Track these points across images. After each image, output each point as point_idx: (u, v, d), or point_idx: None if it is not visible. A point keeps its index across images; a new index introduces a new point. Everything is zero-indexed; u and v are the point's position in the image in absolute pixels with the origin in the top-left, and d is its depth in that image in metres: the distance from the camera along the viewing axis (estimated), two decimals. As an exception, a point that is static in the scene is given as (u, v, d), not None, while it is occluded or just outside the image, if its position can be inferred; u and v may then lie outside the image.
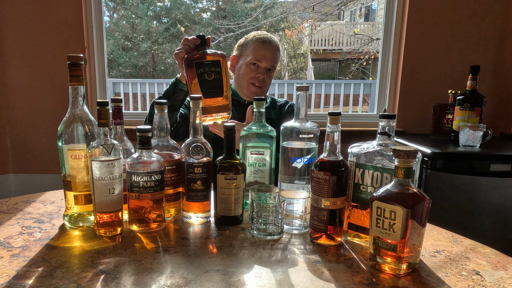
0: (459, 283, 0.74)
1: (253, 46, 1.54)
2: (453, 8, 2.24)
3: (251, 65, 1.53)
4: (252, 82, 1.53)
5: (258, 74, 1.52)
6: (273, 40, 1.57)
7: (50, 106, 2.36)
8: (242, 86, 1.57)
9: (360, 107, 5.70)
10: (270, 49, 1.54)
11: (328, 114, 0.86)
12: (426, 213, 0.75)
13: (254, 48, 1.54)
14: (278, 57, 1.58)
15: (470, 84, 1.92)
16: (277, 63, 1.58)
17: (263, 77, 1.53)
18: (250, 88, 1.54)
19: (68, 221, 0.97)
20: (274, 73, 1.60)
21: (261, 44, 1.53)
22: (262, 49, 1.53)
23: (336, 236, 0.89)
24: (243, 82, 1.55)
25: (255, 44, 1.54)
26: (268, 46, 1.54)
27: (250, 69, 1.53)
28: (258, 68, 1.53)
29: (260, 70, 1.53)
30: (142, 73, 8.80)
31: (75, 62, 0.91)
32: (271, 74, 1.57)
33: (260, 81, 1.53)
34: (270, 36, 1.59)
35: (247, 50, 1.56)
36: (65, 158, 0.94)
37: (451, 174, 1.75)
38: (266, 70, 1.54)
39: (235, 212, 0.99)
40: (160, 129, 1.02)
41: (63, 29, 2.29)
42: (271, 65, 1.54)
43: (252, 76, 1.52)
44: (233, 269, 0.77)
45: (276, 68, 1.59)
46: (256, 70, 1.52)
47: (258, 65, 1.52)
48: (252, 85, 1.54)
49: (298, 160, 0.99)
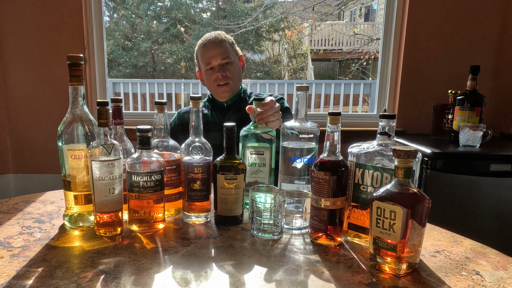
0: (459, 283, 0.74)
1: (199, 55, 1.59)
2: (453, 8, 2.24)
3: (208, 71, 1.56)
4: (217, 84, 1.55)
5: (217, 74, 1.54)
6: (212, 37, 1.57)
7: (50, 106, 2.36)
8: (214, 92, 1.60)
9: (360, 107, 5.70)
10: (211, 48, 1.55)
11: (328, 114, 0.86)
12: (426, 213, 0.75)
13: (201, 57, 1.58)
14: (227, 46, 1.57)
15: (470, 84, 1.92)
16: (228, 52, 1.56)
17: (222, 74, 1.54)
18: (219, 90, 1.56)
19: (68, 221, 0.97)
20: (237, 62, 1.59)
21: (203, 49, 1.56)
22: (206, 52, 1.55)
23: (336, 236, 0.89)
24: (213, 88, 1.58)
25: (199, 52, 1.59)
26: (209, 46, 1.56)
27: (210, 75, 1.56)
28: (214, 69, 1.55)
29: (216, 69, 1.54)
30: (142, 73, 8.79)
31: (75, 62, 0.91)
32: (231, 66, 1.56)
33: (221, 79, 1.54)
34: (210, 34, 1.59)
35: (199, 61, 1.61)
36: (65, 158, 0.94)
37: (451, 174, 1.75)
38: (222, 66, 1.54)
39: (235, 212, 0.99)
40: (160, 129, 1.02)
41: (63, 29, 2.29)
42: (221, 59, 1.54)
43: (214, 79, 1.55)
44: (233, 269, 0.77)
45: (234, 57, 1.58)
46: (214, 73, 1.55)
47: (213, 67, 1.55)
48: (219, 87, 1.56)
49: (298, 160, 0.99)
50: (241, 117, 1.57)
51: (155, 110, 1.01)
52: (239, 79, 1.60)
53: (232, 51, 1.58)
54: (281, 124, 1.05)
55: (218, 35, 1.59)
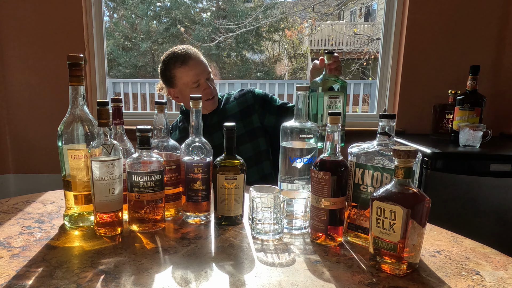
0: (459, 283, 0.74)
1: (180, 73, 1.52)
2: (453, 8, 2.24)
3: (194, 89, 1.52)
4: (205, 99, 1.53)
5: (205, 90, 1.52)
6: (193, 53, 1.54)
7: (50, 106, 2.36)
8: None
9: (360, 107, 5.70)
10: (195, 65, 1.52)
11: (328, 114, 0.86)
12: (426, 213, 0.75)
13: (183, 75, 1.51)
14: (204, 60, 1.56)
15: (470, 84, 1.92)
16: (208, 67, 1.55)
17: (209, 89, 1.53)
18: (206, 104, 1.55)
19: (68, 221, 0.97)
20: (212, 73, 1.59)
21: (185, 67, 1.50)
22: (190, 70, 1.50)
23: (336, 236, 0.89)
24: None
25: (180, 70, 1.51)
26: (191, 63, 1.51)
27: (196, 91, 1.51)
28: (200, 85, 1.52)
29: (203, 85, 1.52)
30: (142, 73, 8.79)
31: (75, 62, 0.91)
32: (213, 79, 1.57)
33: (209, 93, 1.53)
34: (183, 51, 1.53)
35: (178, 80, 1.54)
36: (65, 158, 0.94)
37: (451, 174, 1.75)
38: (208, 80, 1.54)
39: (235, 212, 0.99)
40: (160, 129, 1.02)
41: (63, 29, 2.29)
42: (207, 74, 1.54)
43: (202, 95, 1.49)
44: (233, 269, 0.77)
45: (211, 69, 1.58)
46: (201, 88, 1.52)
47: (199, 83, 1.52)
48: (207, 101, 1.54)
49: (298, 160, 0.99)
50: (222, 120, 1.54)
51: (155, 110, 1.01)
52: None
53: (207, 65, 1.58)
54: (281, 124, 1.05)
55: (191, 49, 1.55)
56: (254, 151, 1.57)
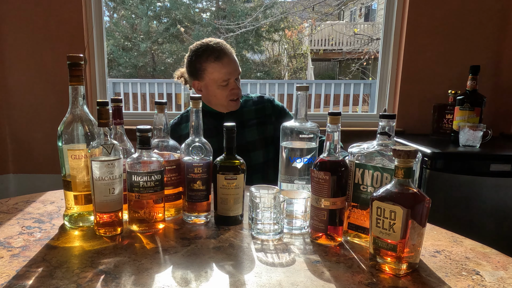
0: (459, 283, 0.74)
1: (212, 68, 1.46)
2: (453, 8, 2.24)
3: (222, 86, 1.48)
4: (230, 99, 1.50)
5: (233, 90, 1.48)
6: (229, 49, 1.50)
7: (50, 106, 2.36)
8: (221, 105, 1.52)
9: (360, 107, 5.70)
10: (229, 63, 1.47)
11: (328, 114, 0.86)
12: (426, 213, 0.75)
13: (214, 70, 1.46)
14: (236, 59, 1.52)
15: (470, 84, 1.92)
16: (239, 67, 1.53)
17: (237, 90, 1.50)
18: (230, 104, 1.52)
19: (68, 221, 0.97)
20: None
21: (219, 63, 1.45)
22: (223, 68, 1.45)
23: (336, 236, 0.89)
24: (221, 101, 1.51)
25: (212, 64, 1.46)
26: (226, 60, 1.46)
27: (223, 90, 1.48)
28: (229, 84, 1.48)
29: (232, 85, 1.48)
30: (142, 73, 8.79)
31: (75, 62, 0.91)
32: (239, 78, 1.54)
33: (236, 94, 1.50)
34: (219, 44, 1.49)
35: (207, 74, 1.48)
36: (65, 158, 0.94)
37: (451, 174, 1.75)
38: (236, 80, 1.51)
39: (235, 212, 0.99)
40: (160, 129, 1.02)
41: (63, 29, 2.29)
42: (237, 74, 1.51)
43: (229, 94, 1.49)
44: (233, 269, 0.77)
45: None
46: (229, 87, 1.48)
47: (228, 82, 1.48)
48: (231, 101, 1.51)
49: (298, 160, 0.99)
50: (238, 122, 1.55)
51: (155, 110, 1.01)
52: None
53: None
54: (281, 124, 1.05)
55: (226, 45, 1.50)
56: (263, 159, 1.56)
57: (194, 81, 1.54)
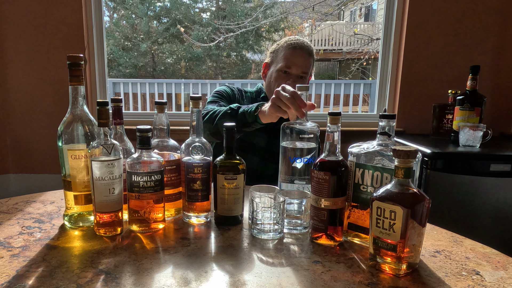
0: (459, 283, 0.74)
1: (283, 52, 1.48)
2: (453, 8, 2.24)
3: (281, 73, 1.47)
4: None
5: (288, 82, 1.45)
6: (305, 45, 1.50)
7: (50, 106, 2.37)
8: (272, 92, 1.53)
9: (360, 107, 5.70)
10: (301, 55, 1.47)
11: (328, 114, 0.86)
12: (426, 213, 0.75)
13: (284, 55, 1.48)
14: (311, 63, 1.52)
15: (470, 84, 1.92)
16: (309, 69, 1.51)
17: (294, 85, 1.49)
18: None
19: (68, 221, 0.97)
20: (309, 79, 1.53)
21: (291, 50, 1.47)
22: (292, 55, 1.46)
23: (336, 236, 0.89)
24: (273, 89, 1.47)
25: (286, 50, 1.48)
26: (299, 52, 1.47)
27: (281, 77, 1.47)
28: (289, 75, 1.46)
29: (291, 77, 1.46)
30: (142, 73, 8.79)
31: (75, 62, 0.91)
32: (303, 81, 1.49)
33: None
34: (303, 41, 1.52)
35: (278, 57, 1.50)
36: (65, 158, 0.94)
37: (451, 174, 1.75)
38: (297, 78, 1.47)
39: (235, 212, 0.99)
40: (160, 129, 1.02)
41: (63, 29, 2.29)
42: (302, 72, 1.47)
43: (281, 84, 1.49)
44: (233, 269, 0.77)
45: (309, 74, 1.53)
46: (287, 78, 1.46)
47: (289, 73, 1.46)
48: None
49: (298, 160, 0.99)
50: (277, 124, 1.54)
51: (155, 110, 1.01)
52: None
53: (311, 69, 1.53)
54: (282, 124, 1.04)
55: (310, 46, 1.52)
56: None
57: (265, 62, 1.59)
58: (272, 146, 1.47)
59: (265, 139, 1.13)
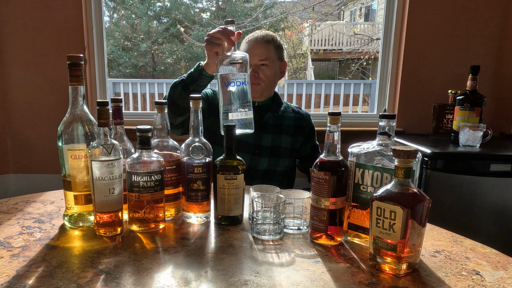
0: (459, 283, 0.74)
1: (243, 49, 1.56)
2: (453, 8, 2.24)
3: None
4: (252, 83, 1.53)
5: (252, 73, 1.50)
6: (260, 35, 1.55)
7: (50, 106, 2.36)
8: None
9: (360, 107, 5.69)
10: (255, 45, 1.52)
11: (328, 114, 0.86)
12: (426, 213, 0.75)
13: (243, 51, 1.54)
14: (270, 49, 1.54)
15: (470, 84, 1.92)
16: (268, 55, 1.53)
17: (255, 74, 1.51)
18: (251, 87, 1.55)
19: (68, 221, 0.97)
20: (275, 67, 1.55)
21: (247, 45, 1.55)
22: (248, 49, 1.53)
23: (336, 236, 0.89)
24: None
25: (243, 46, 1.57)
26: (254, 43, 1.53)
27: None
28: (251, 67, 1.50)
29: (251, 67, 1.50)
30: (142, 73, 8.79)
31: (75, 62, 0.91)
32: (267, 69, 1.52)
33: (254, 78, 1.51)
34: (260, 32, 1.57)
35: None
36: (65, 158, 0.94)
37: (451, 174, 1.75)
38: (257, 67, 1.52)
39: (235, 212, 0.99)
40: (160, 129, 1.02)
41: (63, 29, 2.29)
42: (259, 60, 1.51)
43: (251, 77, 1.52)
44: (233, 269, 0.77)
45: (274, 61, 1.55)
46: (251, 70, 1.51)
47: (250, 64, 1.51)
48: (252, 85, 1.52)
49: (232, 84, 1.08)
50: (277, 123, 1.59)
51: (155, 110, 1.01)
52: (272, 84, 1.58)
53: (274, 55, 1.55)
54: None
55: (267, 35, 1.56)
56: (286, 168, 1.63)
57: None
58: (261, 140, 1.55)
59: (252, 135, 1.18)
